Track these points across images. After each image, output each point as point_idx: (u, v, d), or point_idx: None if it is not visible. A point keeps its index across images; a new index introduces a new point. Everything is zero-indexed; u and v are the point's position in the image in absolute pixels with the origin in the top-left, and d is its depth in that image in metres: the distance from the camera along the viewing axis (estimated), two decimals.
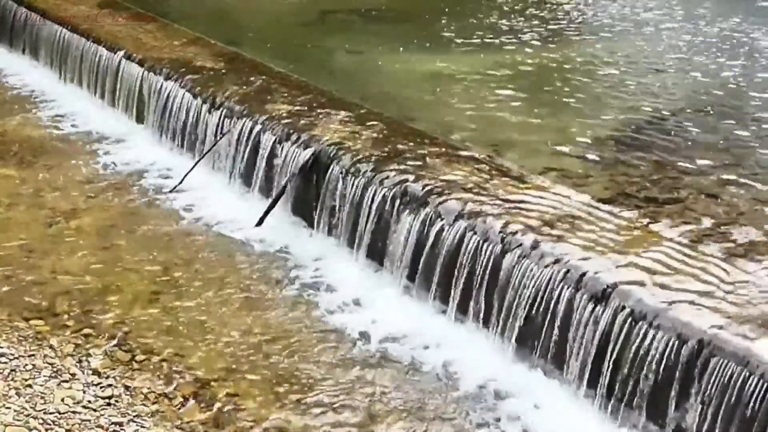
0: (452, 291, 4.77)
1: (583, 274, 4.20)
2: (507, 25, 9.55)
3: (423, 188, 5.09)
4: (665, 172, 5.58)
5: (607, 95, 7.24)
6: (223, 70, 7.25)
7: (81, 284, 5.15)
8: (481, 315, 4.64)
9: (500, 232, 4.60)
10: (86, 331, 4.71)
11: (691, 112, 6.89)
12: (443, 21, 9.54)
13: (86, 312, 4.88)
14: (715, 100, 7.23)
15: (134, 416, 4.06)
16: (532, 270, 4.37)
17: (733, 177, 5.55)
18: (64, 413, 4.02)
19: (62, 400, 4.12)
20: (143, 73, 7.43)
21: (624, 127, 6.41)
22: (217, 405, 4.19)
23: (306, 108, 6.37)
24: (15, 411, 4.00)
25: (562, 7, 10.59)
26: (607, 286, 4.11)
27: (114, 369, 4.40)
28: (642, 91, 7.38)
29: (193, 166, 6.49)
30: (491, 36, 9.00)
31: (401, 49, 8.32)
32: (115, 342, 4.63)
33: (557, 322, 4.27)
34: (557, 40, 8.98)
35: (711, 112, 6.91)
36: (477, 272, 4.63)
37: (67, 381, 4.28)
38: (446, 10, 10.00)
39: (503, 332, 4.52)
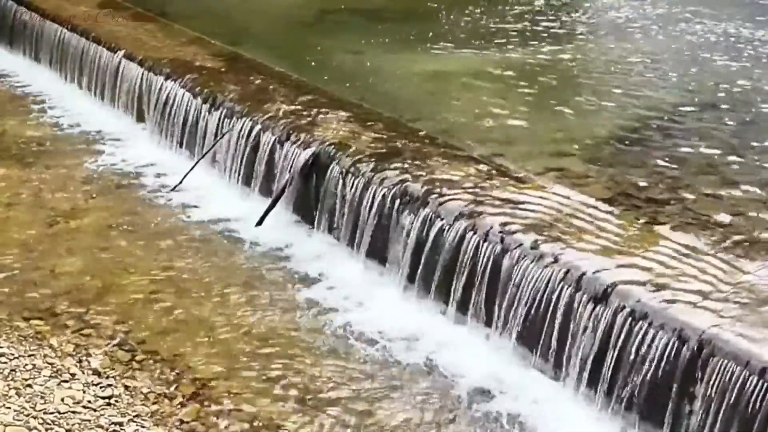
0: (452, 291, 4.77)
1: (583, 274, 4.20)
2: (506, 25, 9.55)
3: (423, 188, 5.09)
4: (665, 171, 5.57)
5: (607, 95, 7.24)
6: (223, 70, 7.25)
7: (81, 284, 5.16)
8: (481, 315, 4.65)
9: (500, 232, 4.60)
10: (86, 331, 4.71)
11: (691, 111, 6.89)
12: (443, 21, 9.55)
13: (86, 312, 4.88)
14: (715, 99, 7.22)
15: (134, 416, 4.06)
16: (532, 270, 4.37)
17: (733, 177, 5.55)
18: (64, 413, 4.02)
19: (62, 400, 4.11)
20: (143, 73, 7.43)
21: (624, 126, 6.41)
22: (217, 405, 4.18)
23: (306, 108, 6.37)
24: (15, 411, 3.99)
25: (563, 8, 10.59)
26: (607, 286, 4.11)
27: (114, 369, 4.40)
28: (642, 90, 7.37)
29: (193, 166, 6.49)
30: (491, 36, 9.00)
31: (401, 49, 8.32)
32: (115, 342, 4.63)
33: (557, 322, 4.27)
34: (557, 41, 8.97)
35: (711, 111, 6.90)
36: (477, 272, 4.63)
37: (67, 381, 4.27)
38: (446, 10, 9.99)
39: (503, 332, 4.52)
